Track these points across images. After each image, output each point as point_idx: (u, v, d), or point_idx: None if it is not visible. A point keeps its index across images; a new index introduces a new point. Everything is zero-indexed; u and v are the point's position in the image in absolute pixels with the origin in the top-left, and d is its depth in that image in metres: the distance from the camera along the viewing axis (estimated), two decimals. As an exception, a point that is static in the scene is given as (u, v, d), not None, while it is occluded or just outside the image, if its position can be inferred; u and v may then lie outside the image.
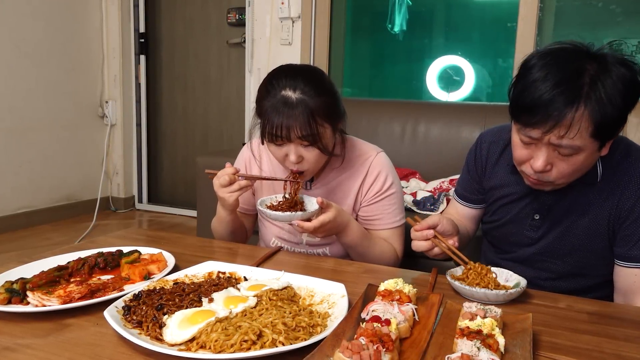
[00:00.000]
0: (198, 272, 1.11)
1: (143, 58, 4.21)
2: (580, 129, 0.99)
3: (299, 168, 1.29)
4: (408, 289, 0.95)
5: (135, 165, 4.37)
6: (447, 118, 2.60)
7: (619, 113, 1.01)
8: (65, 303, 0.93)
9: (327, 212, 1.25)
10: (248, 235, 1.59)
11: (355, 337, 0.77)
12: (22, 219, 3.66)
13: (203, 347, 0.80)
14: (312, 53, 3.44)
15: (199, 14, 3.99)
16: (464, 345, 0.76)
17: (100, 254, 1.16)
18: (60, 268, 1.10)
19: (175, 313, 0.88)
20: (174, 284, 1.02)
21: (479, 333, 0.79)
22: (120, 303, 0.92)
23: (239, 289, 1.00)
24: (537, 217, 1.24)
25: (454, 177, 2.41)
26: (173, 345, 0.81)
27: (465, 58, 3.34)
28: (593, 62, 1.01)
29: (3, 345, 0.82)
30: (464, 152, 1.44)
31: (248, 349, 0.78)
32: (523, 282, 1.07)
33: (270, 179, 1.36)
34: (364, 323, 0.81)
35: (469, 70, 3.34)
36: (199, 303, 0.94)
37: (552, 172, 1.08)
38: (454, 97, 3.39)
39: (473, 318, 0.84)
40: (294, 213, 1.23)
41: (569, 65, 1.02)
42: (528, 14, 2.89)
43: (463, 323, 0.83)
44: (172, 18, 4.11)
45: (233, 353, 0.77)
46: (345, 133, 1.41)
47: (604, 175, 1.16)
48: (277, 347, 0.78)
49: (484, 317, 0.85)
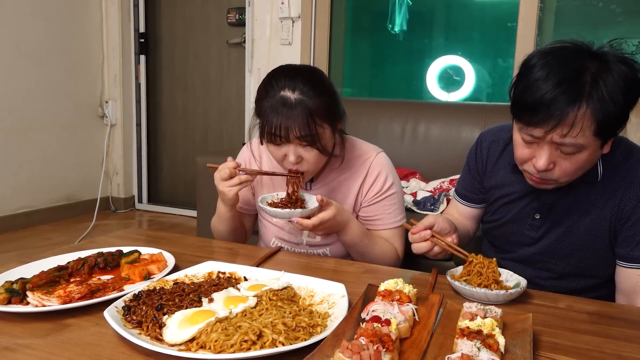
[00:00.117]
0: (198, 272, 1.11)
1: (143, 58, 4.21)
2: (583, 128, 0.99)
3: (298, 168, 1.29)
4: (408, 289, 0.95)
5: (135, 165, 4.37)
6: (447, 118, 2.60)
7: (621, 111, 1.01)
8: (65, 303, 0.93)
9: (327, 209, 1.25)
10: (248, 236, 1.58)
11: (356, 337, 0.77)
12: (22, 219, 3.66)
13: (203, 347, 0.80)
14: (312, 53, 3.44)
15: (199, 14, 3.99)
16: (464, 346, 0.76)
17: (100, 254, 1.16)
18: (60, 268, 1.10)
19: (175, 313, 0.88)
20: (174, 284, 1.02)
21: (479, 333, 0.79)
22: (120, 303, 0.92)
23: (239, 289, 1.00)
24: (537, 216, 1.24)
25: (454, 177, 2.41)
26: (173, 346, 0.81)
27: (466, 58, 3.34)
28: (594, 60, 1.01)
29: (3, 346, 0.82)
30: (464, 152, 1.44)
31: (248, 349, 0.78)
32: (523, 282, 1.07)
33: (271, 174, 1.36)
34: (364, 323, 0.81)
35: (469, 70, 3.33)
36: (199, 303, 0.94)
37: (554, 170, 1.08)
38: (454, 97, 3.39)
39: (473, 318, 0.84)
40: (294, 210, 1.23)
41: (570, 64, 1.01)
42: (528, 14, 2.89)
43: (463, 323, 0.83)
44: (172, 18, 4.11)
45: (233, 353, 0.77)
46: (345, 133, 1.41)
47: (605, 175, 1.16)
48: (277, 347, 0.78)
49: (484, 317, 0.85)
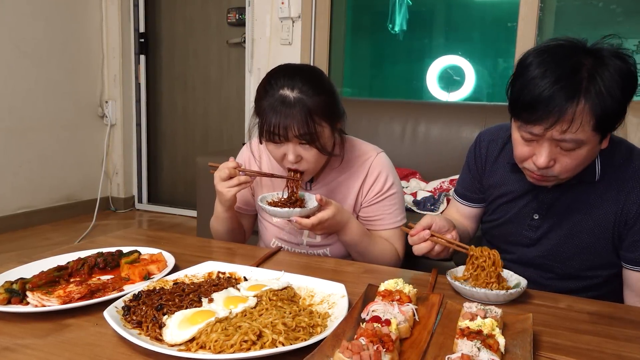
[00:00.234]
0: (198, 272, 1.11)
1: (143, 58, 4.21)
2: (582, 123, 1.00)
3: (298, 168, 1.29)
4: (408, 289, 0.95)
5: (135, 165, 4.37)
6: (447, 118, 2.60)
7: (619, 105, 1.02)
8: (65, 303, 0.93)
9: (326, 209, 1.25)
10: (247, 236, 1.58)
11: (356, 337, 0.76)
12: (21, 219, 3.65)
13: (203, 347, 0.80)
14: (312, 53, 3.44)
15: (199, 14, 3.99)
16: (464, 346, 0.76)
17: (100, 254, 1.16)
18: (60, 268, 1.09)
19: (175, 313, 0.88)
20: (174, 284, 1.02)
21: (479, 333, 0.79)
22: (120, 303, 0.92)
23: (239, 289, 1.00)
24: (536, 216, 1.24)
25: (454, 177, 2.40)
26: (173, 346, 0.81)
27: (466, 58, 3.34)
28: (589, 56, 1.02)
29: (2, 346, 0.82)
30: (464, 152, 1.44)
31: (248, 349, 0.78)
32: (523, 282, 1.07)
33: (271, 176, 1.36)
34: (364, 323, 0.81)
35: (469, 70, 3.33)
36: (199, 303, 0.93)
37: (555, 167, 1.08)
38: (454, 97, 3.39)
39: (473, 318, 0.84)
40: (293, 209, 1.23)
41: (567, 61, 1.02)
42: (528, 14, 2.89)
43: (463, 323, 0.83)
44: (172, 18, 4.11)
45: (233, 353, 0.77)
46: (345, 133, 1.41)
47: (604, 176, 1.16)
48: (277, 347, 0.78)
49: (484, 317, 0.85)
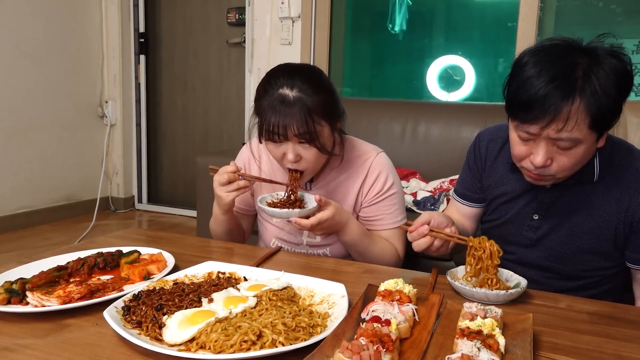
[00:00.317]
0: (198, 272, 1.11)
1: (143, 58, 4.21)
2: (578, 121, 1.00)
3: (297, 167, 1.29)
4: (408, 289, 0.95)
5: (135, 165, 4.36)
6: (447, 118, 2.60)
7: (614, 103, 1.02)
8: (65, 303, 0.93)
9: (325, 209, 1.25)
10: (246, 236, 1.58)
11: (355, 337, 0.76)
12: (21, 219, 3.65)
13: (203, 347, 0.80)
14: (312, 53, 3.44)
15: (199, 14, 3.99)
16: (464, 346, 0.76)
17: (100, 254, 1.16)
18: (60, 268, 1.09)
19: (175, 313, 0.88)
20: (174, 284, 1.02)
21: (479, 333, 0.79)
22: (120, 303, 0.92)
23: (239, 289, 1.00)
24: (536, 217, 1.24)
25: (454, 177, 2.40)
26: (173, 346, 0.81)
27: (466, 58, 3.34)
28: (584, 55, 1.02)
29: (2, 346, 0.82)
30: (464, 152, 1.44)
31: (248, 350, 0.78)
32: (523, 282, 1.07)
33: (271, 182, 1.35)
34: (364, 323, 0.81)
35: (470, 70, 3.33)
36: (199, 303, 0.93)
37: (552, 166, 1.08)
38: (454, 97, 3.38)
39: (473, 318, 0.84)
40: (292, 210, 1.23)
41: (562, 60, 1.03)
42: (528, 14, 2.89)
43: (463, 323, 0.83)
44: (172, 18, 4.11)
45: (233, 353, 0.77)
46: (345, 133, 1.41)
47: (604, 176, 1.16)
48: (277, 347, 0.78)
49: (484, 317, 0.85)
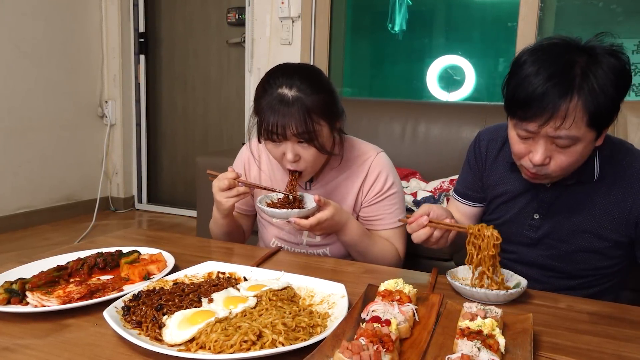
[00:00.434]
0: (198, 272, 1.11)
1: (143, 58, 4.21)
2: (576, 119, 1.01)
3: (297, 167, 1.29)
4: (408, 289, 0.95)
5: (135, 165, 4.36)
6: (447, 118, 2.60)
7: (612, 102, 1.02)
8: (65, 303, 0.93)
9: (324, 209, 1.25)
10: (246, 236, 1.58)
11: (355, 337, 0.76)
12: (21, 219, 3.65)
13: (203, 347, 0.80)
14: (312, 53, 3.44)
15: (199, 14, 3.99)
16: (464, 346, 0.76)
17: (100, 254, 1.16)
18: (60, 268, 1.09)
19: (175, 313, 0.88)
20: (174, 284, 1.02)
21: (480, 333, 0.79)
22: (120, 303, 0.92)
23: (239, 289, 1.00)
24: (536, 216, 1.24)
25: (454, 177, 2.40)
26: (172, 346, 0.81)
27: (466, 58, 3.34)
28: (583, 54, 1.03)
29: (2, 346, 0.82)
30: (464, 152, 1.44)
31: (248, 350, 0.78)
32: (523, 282, 1.07)
33: (271, 190, 1.35)
34: (364, 323, 0.81)
35: (470, 70, 3.33)
36: (199, 303, 0.93)
37: (550, 164, 1.08)
38: (455, 96, 3.38)
39: (473, 318, 0.84)
40: (291, 210, 1.23)
41: (560, 59, 1.03)
42: (528, 14, 2.89)
43: (463, 323, 0.83)
44: (171, 18, 4.11)
45: (233, 353, 0.77)
46: (344, 132, 1.41)
47: (605, 176, 1.16)
48: (277, 347, 0.78)
49: (485, 317, 0.85)
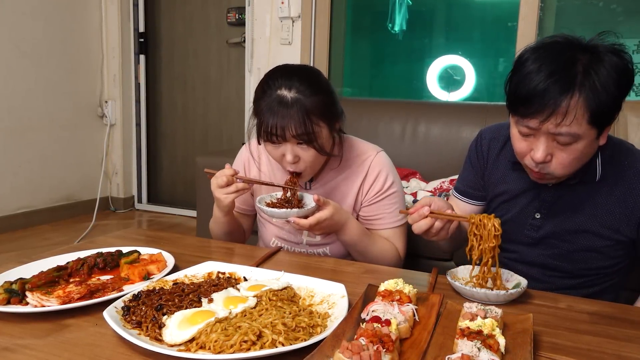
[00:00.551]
0: (198, 272, 1.11)
1: (143, 58, 4.20)
2: (577, 116, 1.00)
3: (296, 168, 1.29)
4: (408, 289, 0.95)
5: (135, 165, 4.36)
6: (447, 118, 2.60)
7: (614, 100, 1.02)
8: (65, 303, 0.93)
9: (324, 209, 1.25)
10: (246, 236, 1.58)
11: (355, 337, 0.76)
12: (21, 219, 3.65)
13: (203, 347, 0.80)
14: (312, 53, 3.44)
15: (199, 14, 3.99)
16: (465, 346, 0.76)
17: (100, 254, 1.15)
18: (60, 268, 1.09)
19: (175, 313, 0.88)
20: (174, 285, 1.02)
21: (480, 333, 0.78)
22: (120, 303, 0.92)
23: (239, 290, 0.99)
24: (537, 216, 1.24)
25: (454, 177, 2.40)
26: (172, 346, 0.81)
27: (466, 58, 3.33)
28: (585, 52, 1.03)
29: (2, 346, 0.82)
30: (464, 152, 1.44)
31: (248, 350, 0.78)
32: (523, 282, 1.07)
33: (268, 184, 1.35)
34: (364, 323, 0.81)
35: (470, 70, 3.33)
36: (199, 303, 0.93)
37: (552, 162, 1.08)
38: (455, 96, 3.38)
39: (473, 318, 0.84)
40: (290, 210, 1.23)
41: (562, 56, 1.03)
42: (529, 14, 2.89)
43: (463, 323, 0.83)
44: (171, 17, 4.11)
45: (233, 354, 0.77)
46: (344, 132, 1.41)
47: (606, 176, 1.16)
48: (277, 347, 0.78)
49: (485, 317, 0.85)
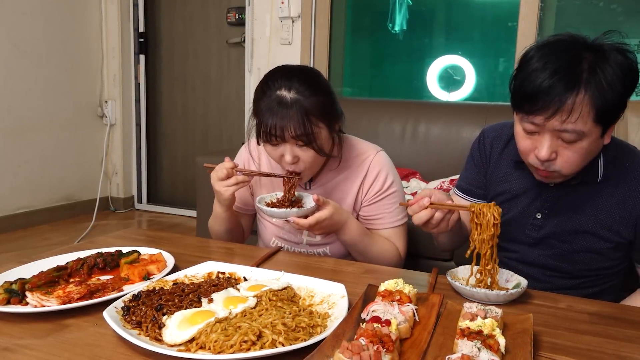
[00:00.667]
0: (197, 272, 1.11)
1: (142, 58, 4.20)
2: (582, 113, 1.00)
3: (295, 169, 1.29)
4: (408, 290, 0.94)
5: (135, 165, 4.36)
6: (447, 118, 2.60)
7: (620, 99, 1.02)
8: (65, 303, 0.93)
9: (323, 209, 1.25)
10: (245, 236, 1.58)
11: (356, 337, 0.76)
12: (21, 219, 3.65)
13: (202, 347, 0.80)
14: (312, 53, 3.44)
15: (199, 14, 3.99)
16: (465, 346, 0.76)
17: (100, 254, 1.15)
18: (60, 268, 1.09)
19: (175, 313, 0.88)
20: (174, 285, 1.02)
21: (480, 333, 0.78)
22: (120, 303, 0.92)
23: (239, 290, 0.99)
24: (539, 215, 1.24)
25: (454, 177, 2.40)
26: (172, 346, 0.81)
27: (466, 57, 3.33)
28: (590, 51, 1.03)
29: (2, 346, 0.82)
30: (465, 152, 1.44)
31: (248, 350, 0.78)
32: (524, 282, 1.07)
33: (268, 175, 1.36)
34: (364, 323, 0.81)
35: (470, 70, 3.33)
36: (199, 303, 0.93)
37: (557, 161, 1.08)
38: (455, 96, 3.38)
39: (473, 318, 0.84)
40: (290, 210, 1.23)
41: (567, 54, 1.03)
42: (529, 13, 2.89)
43: (463, 323, 0.83)
44: (171, 17, 4.11)
45: (233, 354, 0.77)
46: (343, 132, 1.41)
47: (608, 177, 1.16)
48: (276, 347, 0.78)
49: (485, 317, 0.85)
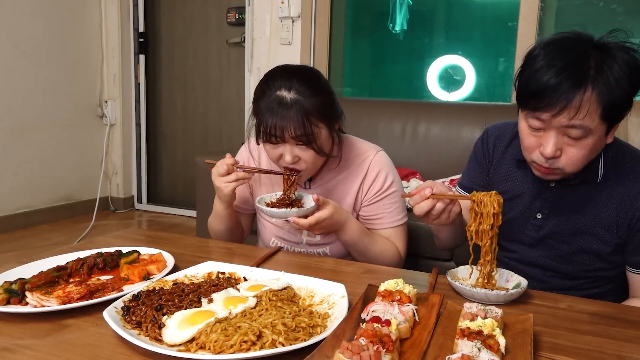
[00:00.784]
0: (197, 272, 1.10)
1: (142, 58, 4.20)
2: (590, 110, 1.00)
3: (295, 168, 1.29)
4: (408, 290, 0.94)
5: (135, 165, 4.36)
6: (447, 118, 2.60)
7: (627, 96, 1.03)
8: (64, 303, 0.93)
9: (323, 209, 1.25)
10: (245, 235, 1.58)
11: (356, 337, 0.76)
12: (20, 219, 3.65)
13: (202, 347, 0.80)
14: (312, 53, 3.44)
15: (199, 14, 3.99)
16: (465, 346, 0.76)
17: (100, 254, 1.15)
18: (59, 268, 1.09)
19: (175, 314, 0.88)
20: (174, 285, 1.02)
21: (480, 334, 0.78)
22: (120, 303, 0.92)
23: (239, 290, 0.99)
24: (539, 216, 1.24)
25: (455, 177, 2.40)
26: (172, 346, 0.81)
27: (466, 57, 3.34)
28: (597, 49, 1.03)
29: (2, 346, 0.82)
30: (465, 152, 1.44)
31: (248, 350, 0.78)
32: (524, 282, 1.07)
33: (268, 172, 1.35)
34: (364, 323, 0.81)
35: (470, 70, 3.33)
36: (199, 303, 0.93)
37: (561, 158, 1.08)
38: (455, 96, 3.38)
39: (474, 318, 0.84)
40: (290, 210, 1.23)
41: (573, 52, 1.03)
42: (529, 13, 2.89)
43: (463, 323, 0.83)
44: (171, 17, 4.11)
45: (233, 354, 0.77)
46: (343, 132, 1.41)
47: (608, 177, 1.16)
48: (276, 347, 0.78)
49: (485, 317, 0.85)
